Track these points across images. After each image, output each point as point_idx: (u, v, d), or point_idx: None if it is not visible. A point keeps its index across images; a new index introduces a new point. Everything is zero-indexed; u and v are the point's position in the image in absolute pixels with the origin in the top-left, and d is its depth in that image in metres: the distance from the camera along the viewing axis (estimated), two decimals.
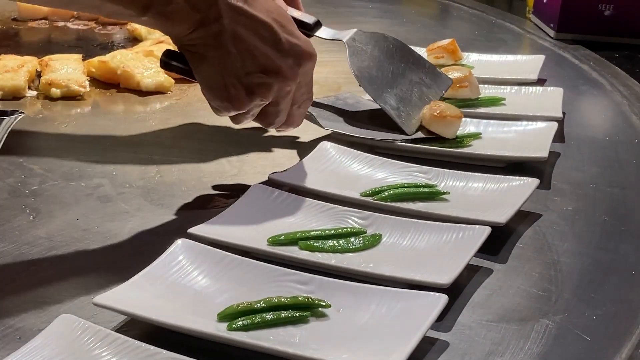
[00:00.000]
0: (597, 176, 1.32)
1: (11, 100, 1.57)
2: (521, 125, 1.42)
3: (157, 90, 1.65)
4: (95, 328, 0.81)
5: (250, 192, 1.13)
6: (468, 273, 1.00)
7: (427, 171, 1.23)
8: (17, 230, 1.08)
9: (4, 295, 0.94)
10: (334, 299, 0.90)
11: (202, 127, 1.50)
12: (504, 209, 1.11)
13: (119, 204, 1.18)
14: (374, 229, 1.07)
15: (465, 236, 1.03)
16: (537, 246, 1.09)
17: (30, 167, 1.29)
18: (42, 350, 0.78)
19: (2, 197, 1.17)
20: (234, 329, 0.85)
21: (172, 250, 0.96)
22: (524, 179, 1.20)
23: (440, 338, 0.88)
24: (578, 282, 1.01)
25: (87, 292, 0.94)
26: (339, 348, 0.83)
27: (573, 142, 1.45)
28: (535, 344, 0.88)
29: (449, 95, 1.53)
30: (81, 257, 1.03)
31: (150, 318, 0.85)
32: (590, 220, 1.18)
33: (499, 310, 0.94)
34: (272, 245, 1.02)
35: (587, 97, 1.73)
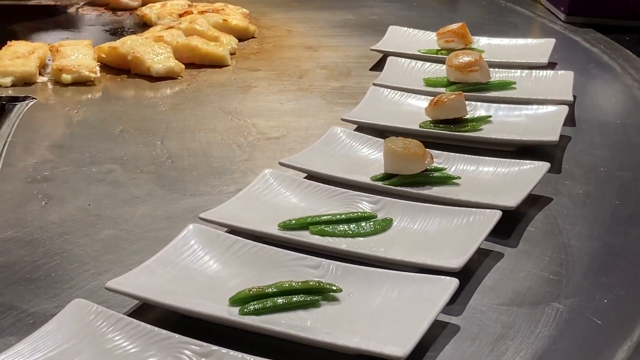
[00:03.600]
0: (608, 160, 1.32)
1: (22, 86, 1.58)
2: (532, 109, 1.42)
3: (168, 75, 1.65)
4: (107, 312, 0.82)
5: (261, 177, 1.13)
6: (479, 257, 1.00)
7: (437, 155, 1.22)
8: (30, 216, 1.09)
9: (17, 280, 0.94)
10: (345, 283, 0.90)
11: (213, 112, 1.50)
12: (514, 192, 1.10)
13: (130, 190, 1.18)
14: (384, 214, 1.07)
15: (476, 220, 1.03)
16: (548, 230, 1.09)
17: (42, 153, 1.29)
18: (55, 335, 0.78)
19: (14, 183, 1.18)
20: (246, 313, 0.85)
21: (183, 235, 0.96)
22: (534, 163, 1.20)
23: (452, 322, 0.89)
24: (589, 266, 1.01)
25: (99, 277, 0.94)
26: (350, 332, 0.83)
27: (584, 125, 1.45)
28: (546, 327, 0.88)
29: (460, 80, 1.53)
30: (93, 242, 1.03)
31: (162, 302, 0.85)
32: (601, 204, 1.17)
33: (509, 294, 0.94)
34: (283, 230, 1.02)
35: (597, 80, 1.72)
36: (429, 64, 1.65)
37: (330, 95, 1.60)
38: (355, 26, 2.09)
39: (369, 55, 1.79)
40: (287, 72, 1.72)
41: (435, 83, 1.56)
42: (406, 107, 1.46)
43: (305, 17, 2.17)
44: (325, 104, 1.55)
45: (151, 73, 1.64)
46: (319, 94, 1.60)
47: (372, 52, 1.78)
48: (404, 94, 1.49)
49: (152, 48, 1.68)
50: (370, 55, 1.78)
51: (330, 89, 1.63)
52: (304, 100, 1.57)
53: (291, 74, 1.71)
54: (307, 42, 1.94)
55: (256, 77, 1.69)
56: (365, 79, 1.64)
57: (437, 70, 1.62)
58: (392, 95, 1.48)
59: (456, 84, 1.53)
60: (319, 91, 1.62)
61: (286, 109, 1.52)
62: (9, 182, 1.17)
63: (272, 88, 1.63)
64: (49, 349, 0.77)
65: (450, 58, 1.55)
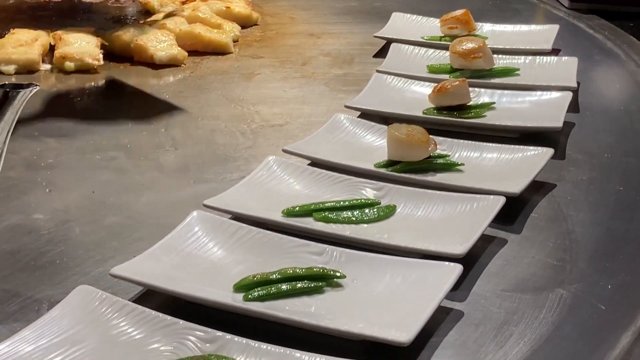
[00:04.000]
0: (611, 146, 1.32)
1: (25, 74, 1.58)
2: (535, 95, 1.42)
3: (171, 63, 1.65)
4: (112, 299, 0.82)
5: (265, 164, 1.13)
6: (482, 243, 1.00)
7: (441, 142, 1.22)
8: (34, 203, 1.09)
9: (21, 267, 0.94)
10: (349, 270, 0.90)
11: (216, 99, 1.50)
12: (518, 179, 1.10)
13: (134, 177, 1.18)
14: (388, 200, 1.07)
15: (480, 206, 1.03)
16: (552, 216, 1.09)
17: (46, 141, 1.29)
18: (60, 321, 0.78)
19: (18, 171, 1.18)
20: (250, 299, 0.85)
21: (187, 222, 0.96)
22: (538, 149, 1.20)
23: (455, 308, 0.89)
24: (593, 252, 1.01)
25: (103, 264, 0.94)
26: (354, 318, 0.83)
27: (587, 112, 1.44)
28: (550, 313, 0.88)
29: (463, 67, 1.53)
30: (97, 229, 1.04)
31: (166, 289, 0.85)
32: (605, 190, 1.17)
33: (513, 280, 0.94)
34: (287, 217, 1.02)
35: (601, 66, 1.72)
36: (432, 50, 1.65)
37: (333, 82, 1.59)
38: (359, 13, 2.09)
39: (372, 42, 1.78)
40: (290, 60, 1.72)
41: (438, 70, 1.55)
42: (409, 93, 1.45)
43: (308, 4, 2.16)
44: (328, 91, 1.55)
45: (154, 61, 1.64)
46: (322, 81, 1.60)
47: (375, 39, 1.78)
48: (408, 80, 1.49)
49: (155, 36, 1.68)
50: (373, 42, 1.78)
51: (334, 76, 1.62)
52: (307, 88, 1.57)
53: (294, 61, 1.71)
54: (310, 29, 1.94)
55: (259, 64, 1.69)
56: (368, 66, 1.63)
57: (440, 57, 1.62)
58: (396, 82, 1.48)
59: (460, 71, 1.53)
60: (322, 78, 1.61)
61: (289, 96, 1.52)
62: (13, 169, 1.17)
63: (275, 75, 1.63)
64: (54, 335, 0.77)
65: (453, 45, 1.55)
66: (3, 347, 0.74)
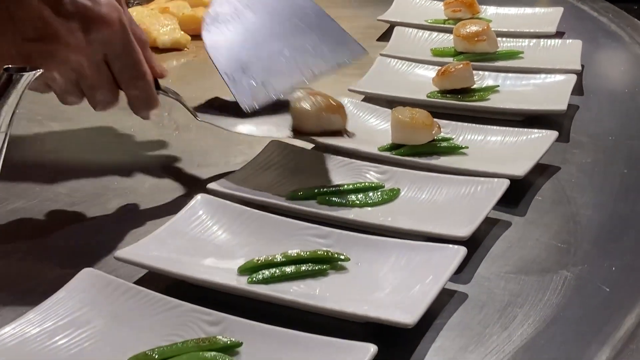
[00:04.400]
0: (616, 128, 1.31)
1: None
2: (539, 78, 1.42)
3: (174, 47, 1.64)
4: (117, 281, 0.82)
5: (268, 147, 1.13)
6: (486, 226, 1.00)
7: (445, 125, 1.22)
8: (38, 187, 1.09)
9: (27, 250, 0.95)
10: (353, 253, 0.91)
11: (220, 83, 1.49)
12: (522, 161, 1.10)
13: (138, 160, 1.18)
14: (392, 184, 1.07)
15: (484, 189, 1.03)
16: (556, 198, 1.09)
17: (49, 125, 1.29)
18: (66, 303, 0.79)
19: (22, 155, 1.18)
20: (255, 282, 0.86)
21: (192, 205, 0.96)
22: (542, 132, 1.19)
23: (459, 290, 0.89)
24: (597, 234, 1.01)
25: (108, 247, 0.95)
26: (359, 300, 0.83)
27: (592, 94, 1.44)
28: (554, 295, 0.88)
29: (467, 50, 1.52)
30: (102, 212, 1.04)
31: (171, 272, 0.85)
32: (609, 173, 1.17)
33: (517, 262, 0.94)
34: (291, 200, 1.02)
35: (605, 49, 1.71)
36: (436, 33, 1.64)
37: None
38: None
39: (375, 25, 1.78)
40: None
41: (442, 53, 1.55)
42: (413, 77, 1.45)
43: None
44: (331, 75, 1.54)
45: (157, 45, 1.64)
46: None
47: (379, 23, 1.77)
48: (411, 64, 1.48)
49: (158, 20, 1.68)
50: (377, 26, 1.78)
51: None
52: None
53: None
54: None
55: None
56: (372, 50, 1.62)
57: (444, 40, 1.61)
58: (400, 66, 1.48)
59: (464, 54, 1.53)
60: None
61: None
62: (17, 152, 1.17)
63: None
64: (59, 318, 0.77)
65: (457, 28, 1.55)
66: (8, 329, 0.75)
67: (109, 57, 0.98)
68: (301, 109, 1.07)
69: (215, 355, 0.73)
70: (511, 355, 0.78)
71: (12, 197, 1.06)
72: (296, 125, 1.08)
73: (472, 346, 0.80)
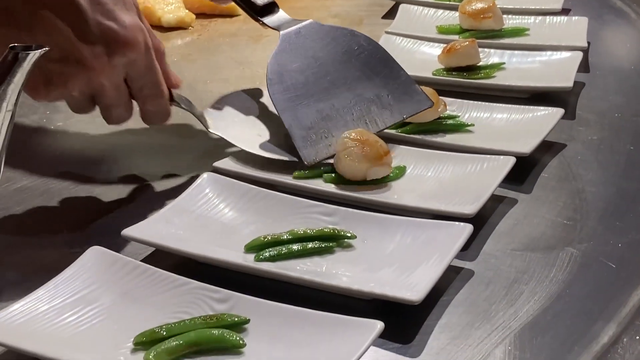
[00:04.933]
0: (622, 105, 1.31)
1: None
2: (545, 55, 1.41)
3: (178, 25, 1.64)
4: (125, 259, 0.82)
5: None
6: (493, 203, 1.00)
7: (451, 102, 1.22)
8: (45, 166, 1.09)
9: (33, 229, 0.95)
10: (359, 230, 0.91)
11: (225, 62, 1.49)
12: (528, 139, 1.10)
13: (143, 139, 1.18)
14: (398, 161, 1.07)
15: (490, 166, 1.03)
16: (562, 176, 1.09)
17: (54, 104, 1.29)
18: (74, 281, 0.79)
19: (28, 134, 1.18)
20: (261, 259, 0.86)
21: (198, 184, 0.97)
22: (548, 109, 1.19)
23: (466, 267, 0.89)
24: (603, 211, 1.01)
25: (115, 225, 0.94)
26: (365, 277, 0.84)
27: (598, 71, 1.44)
28: (560, 271, 0.88)
29: (473, 27, 1.52)
30: (108, 191, 1.04)
31: (178, 249, 0.86)
32: (615, 150, 1.17)
33: (523, 239, 0.95)
34: (297, 178, 1.02)
35: (611, 26, 1.70)
36: (441, 11, 1.63)
37: None
38: None
39: (381, 3, 1.77)
40: None
41: (448, 30, 1.54)
42: (419, 54, 1.45)
43: None
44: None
45: (162, 23, 1.63)
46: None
47: (384, 0, 1.76)
48: (417, 41, 1.48)
49: None
50: (382, 3, 1.77)
51: None
52: None
53: None
54: None
55: None
56: (377, 27, 1.62)
57: (450, 17, 1.60)
58: (405, 43, 1.47)
59: (469, 31, 1.52)
60: None
61: None
62: (22, 132, 1.17)
63: None
64: (67, 295, 0.78)
65: (463, 5, 1.54)
66: (18, 306, 0.75)
67: (130, 77, 0.98)
68: (348, 162, 1.02)
69: (223, 332, 0.74)
70: (517, 332, 0.79)
71: (18, 176, 1.06)
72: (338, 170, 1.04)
73: (478, 323, 0.80)
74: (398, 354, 0.76)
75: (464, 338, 0.78)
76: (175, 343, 0.72)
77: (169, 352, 0.72)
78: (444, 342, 0.78)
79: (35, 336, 0.72)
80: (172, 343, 0.72)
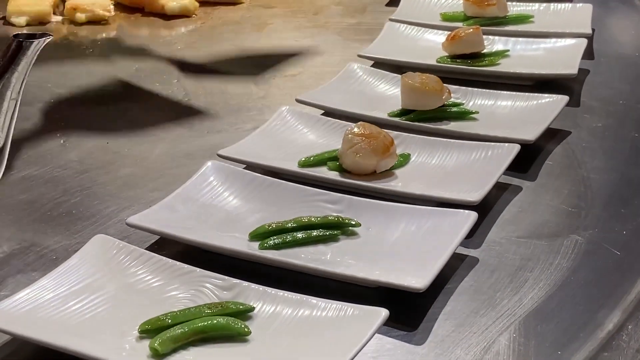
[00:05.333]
0: (626, 92, 1.31)
1: (36, 25, 1.58)
2: (550, 42, 1.41)
3: (182, 13, 1.64)
4: (129, 247, 0.82)
5: (279, 114, 1.13)
6: (497, 191, 1.00)
7: (455, 90, 1.21)
8: (49, 154, 1.10)
9: (38, 217, 0.95)
10: (364, 218, 0.91)
11: (228, 50, 1.49)
12: (533, 126, 1.10)
13: (148, 128, 1.18)
14: (402, 149, 1.07)
15: (494, 154, 1.03)
16: (567, 163, 1.09)
17: (59, 92, 1.29)
18: (79, 270, 0.79)
19: (32, 122, 1.18)
20: (266, 247, 0.86)
21: (202, 172, 0.97)
22: (552, 96, 1.19)
23: (470, 254, 0.89)
24: (608, 198, 1.01)
25: (119, 214, 0.95)
26: (370, 265, 0.83)
27: (602, 58, 1.43)
28: (565, 258, 0.88)
29: (477, 14, 1.52)
30: (113, 179, 1.04)
31: (183, 237, 0.86)
32: (619, 137, 1.17)
33: (528, 226, 0.94)
34: (302, 167, 1.02)
35: (616, 13, 1.70)
36: None
37: (346, 31, 1.58)
38: None
39: None
40: (302, 9, 1.71)
41: (452, 18, 1.54)
42: (423, 42, 1.44)
43: None
44: (341, 41, 1.54)
45: (165, 11, 1.63)
46: (335, 31, 1.59)
47: None
48: (421, 29, 1.48)
49: None
50: None
51: (346, 25, 1.62)
52: (320, 37, 1.56)
53: (306, 10, 1.70)
54: None
55: (271, 14, 1.68)
56: (381, 15, 1.62)
57: (454, 4, 1.60)
58: (409, 31, 1.47)
59: (473, 18, 1.52)
60: (334, 28, 1.60)
61: (302, 46, 1.52)
62: (28, 120, 1.17)
63: (287, 25, 1.62)
64: (72, 283, 0.78)
65: None
66: (23, 294, 0.75)
67: None
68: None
69: (228, 320, 0.74)
70: (522, 319, 0.79)
71: (23, 164, 1.06)
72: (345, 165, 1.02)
73: (483, 310, 0.80)
74: (403, 341, 0.76)
75: (468, 325, 0.78)
76: (180, 331, 0.72)
77: (174, 340, 0.72)
78: (449, 330, 0.77)
79: (40, 324, 0.72)
80: (177, 331, 0.72)
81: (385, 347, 0.75)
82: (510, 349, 0.75)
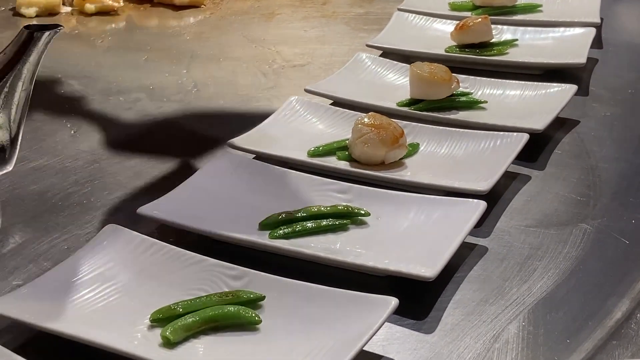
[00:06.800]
0: (635, 82, 1.31)
1: (46, 16, 1.58)
2: (558, 31, 1.41)
3: (191, 4, 1.64)
4: (140, 237, 0.83)
5: (288, 104, 1.13)
6: (506, 180, 1.00)
7: (464, 79, 1.22)
8: (60, 145, 1.10)
9: (50, 208, 0.96)
10: (373, 207, 0.91)
11: (237, 40, 1.50)
12: (541, 115, 1.10)
13: (157, 118, 1.19)
14: (411, 139, 1.07)
15: (503, 143, 1.03)
16: (576, 152, 1.09)
17: (69, 83, 1.30)
18: (91, 259, 0.80)
19: (43, 113, 1.19)
20: (276, 237, 0.86)
21: (212, 162, 0.97)
22: (561, 86, 1.19)
23: (479, 243, 0.89)
24: (616, 187, 1.01)
25: (130, 203, 0.95)
26: (379, 254, 0.84)
27: (611, 48, 1.43)
28: (573, 247, 0.89)
29: (485, 4, 1.51)
30: (123, 169, 1.04)
31: (193, 227, 0.86)
32: (628, 126, 1.17)
33: (537, 215, 0.95)
34: (311, 156, 1.03)
35: (625, 2, 1.69)
36: None
37: (354, 21, 1.59)
38: None
39: None
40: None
41: (460, 7, 1.54)
42: (431, 32, 1.45)
43: None
44: (349, 30, 1.54)
45: (174, 2, 1.64)
46: (343, 20, 1.59)
47: None
48: (429, 18, 1.48)
49: None
50: None
51: (355, 15, 1.62)
52: (328, 27, 1.56)
53: (314, 0, 1.70)
54: None
55: (279, 4, 1.68)
56: (389, 4, 1.62)
57: None
58: (417, 20, 1.47)
59: (482, 8, 1.51)
60: (342, 17, 1.61)
61: (310, 36, 1.52)
62: (39, 112, 1.18)
63: (296, 15, 1.63)
64: (85, 273, 0.78)
65: None
66: (35, 284, 0.76)
67: None
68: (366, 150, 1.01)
69: (239, 309, 0.74)
70: (531, 308, 0.79)
71: (35, 154, 1.07)
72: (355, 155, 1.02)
73: (492, 299, 0.81)
74: (412, 330, 0.76)
75: (477, 314, 0.78)
76: (191, 320, 0.73)
77: (185, 329, 0.73)
78: (458, 318, 0.78)
79: (52, 313, 0.73)
80: (188, 320, 0.73)
81: (395, 336, 0.76)
82: (520, 338, 0.75)
